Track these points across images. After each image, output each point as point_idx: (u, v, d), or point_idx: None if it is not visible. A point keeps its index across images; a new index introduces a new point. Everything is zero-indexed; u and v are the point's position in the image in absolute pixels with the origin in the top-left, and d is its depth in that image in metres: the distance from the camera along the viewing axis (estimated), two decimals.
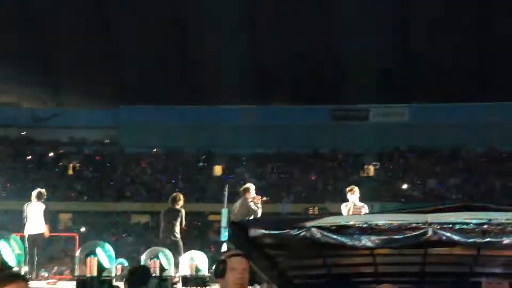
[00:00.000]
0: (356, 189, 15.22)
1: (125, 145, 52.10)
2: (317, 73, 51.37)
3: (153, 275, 12.76)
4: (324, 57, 51.24)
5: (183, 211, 15.73)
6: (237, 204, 15.70)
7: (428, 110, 50.90)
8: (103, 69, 53.23)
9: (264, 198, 16.55)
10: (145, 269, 7.94)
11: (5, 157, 50.79)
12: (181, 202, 15.84)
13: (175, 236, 15.41)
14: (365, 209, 14.82)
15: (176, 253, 15.06)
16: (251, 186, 15.88)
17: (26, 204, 15.88)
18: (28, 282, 4.01)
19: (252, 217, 14.78)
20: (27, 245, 14.51)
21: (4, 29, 50.53)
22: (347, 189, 15.41)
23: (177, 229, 15.46)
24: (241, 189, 16.00)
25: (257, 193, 15.94)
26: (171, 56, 52.35)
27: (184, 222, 15.61)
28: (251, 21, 51.34)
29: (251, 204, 15.42)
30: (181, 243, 15.44)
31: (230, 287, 5.16)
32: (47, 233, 15.77)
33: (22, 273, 8.41)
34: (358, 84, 50.02)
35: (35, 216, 15.55)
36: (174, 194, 16.57)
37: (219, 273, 5.19)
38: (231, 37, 50.51)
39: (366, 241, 5.91)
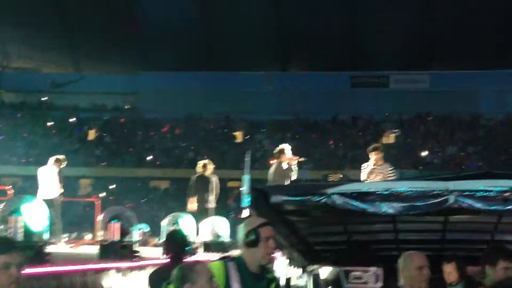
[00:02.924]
0: (378, 148, 14.26)
1: (144, 111, 52.23)
2: (337, 39, 51.10)
3: None
4: (344, 22, 50.95)
5: (214, 177, 15.51)
6: (272, 169, 14.82)
7: (448, 77, 50.60)
8: (123, 35, 53.20)
9: (302, 159, 15.51)
10: (183, 234, 7.84)
11: (25, 122, 51.07)
12: (210, 169, 15.60)
13: (206, 202, 15.31)
14: (387, 170, 13.95)
15: (205, 219, 15.04)
16: (286, 147, 14.99)
17: (39, 169, 15.79)
18: (24, 252, 3.84)
19: (288, 182, 14.33)
20: None
21: None
22: (368, 148, 14.54)
23: (208, 196, 15.32)
24: (275, 151, 15.08)
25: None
26: (190, 21, 52.18)
27: (215, 189, 15.37)
28: None
29: (286, 167, 14.66)
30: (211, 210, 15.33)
31: (261, 256, 5.15)
32: (60, 197, 15.68)
33: (45, 237, 8.48)
34: (378, 50, 49.81)
35: (47, 180, 15.46)
36: (202, 161, 16.33)
37: (252, 243, 5.15)
38: (253, 3, 50.26)
39: (388, 208, 5.92)
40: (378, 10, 49.49)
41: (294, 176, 14.75)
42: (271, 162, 15.14)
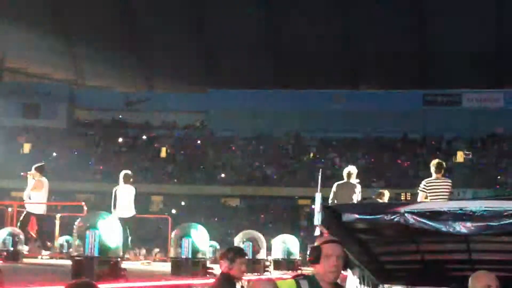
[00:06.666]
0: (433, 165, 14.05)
1: (215, 129, 52.56)
2: (408, 56, 50.77)
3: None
4: (415, 40, 50.64)
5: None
6: (342, 186, 14.91)
7: None
8: (193, 53, 53.75)
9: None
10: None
11: (98, 139, 51.88)
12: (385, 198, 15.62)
13: None
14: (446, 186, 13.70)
15: None
16: (354, 170, 15.05)
17: (115, 188, 16.00)
18: None
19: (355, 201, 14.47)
20: None
21: (100, 15, 51.56)
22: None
23: None
24: (346, 173, 15.37)
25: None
26: (260, 40, 52.53)
27: None
28: (344, 5, 50.95)
29: (358, 186, 14.81)
30: None
31: (324, 273, 5.14)
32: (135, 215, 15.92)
33: (119, 253, 8.60)
34: (450, 68, 49.32)
35: (125, 199, 15.68)
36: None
37: (314, 259, 5.17)
38: (322, 20, 50.33)
39: (461, 227, 5.85)
40: (451, 28, 48.99)
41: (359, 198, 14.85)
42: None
